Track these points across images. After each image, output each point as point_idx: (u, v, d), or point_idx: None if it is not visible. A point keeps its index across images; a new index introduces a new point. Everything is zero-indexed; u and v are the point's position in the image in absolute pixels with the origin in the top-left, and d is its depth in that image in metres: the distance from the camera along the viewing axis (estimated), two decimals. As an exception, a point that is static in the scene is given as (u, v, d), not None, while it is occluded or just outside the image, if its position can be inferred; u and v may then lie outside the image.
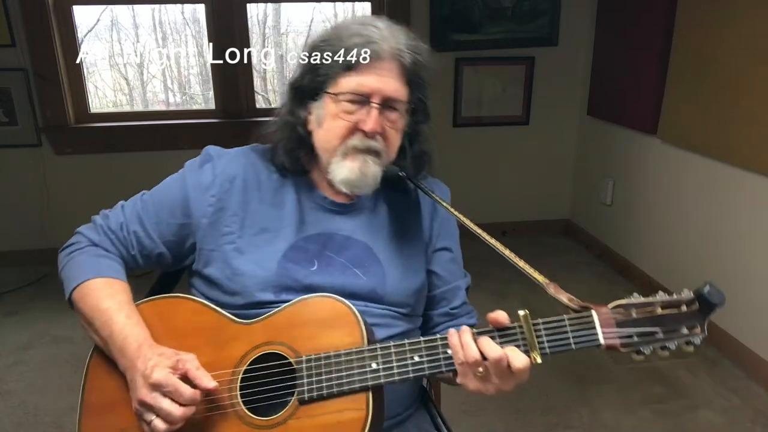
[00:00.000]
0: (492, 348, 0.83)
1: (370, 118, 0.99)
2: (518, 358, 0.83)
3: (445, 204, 1.07)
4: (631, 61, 3.01)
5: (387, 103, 1.01)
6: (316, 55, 1.03)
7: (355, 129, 1.01)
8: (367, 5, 3.38)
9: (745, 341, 2.38)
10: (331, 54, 1.01)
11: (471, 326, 1.15)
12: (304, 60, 1.06)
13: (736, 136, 2.34)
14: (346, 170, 1.02)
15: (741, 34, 2.28)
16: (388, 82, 1.00)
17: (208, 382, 0.90)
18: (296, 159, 1.08)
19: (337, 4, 3.54)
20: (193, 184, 1.08)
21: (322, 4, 3.53)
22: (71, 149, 3.25)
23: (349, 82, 1.00)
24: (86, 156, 3.27)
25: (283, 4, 3.68)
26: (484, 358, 0.84)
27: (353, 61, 0.99)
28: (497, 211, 3.68)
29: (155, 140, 3.22)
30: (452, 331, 0.88)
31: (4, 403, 2.23)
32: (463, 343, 0.85)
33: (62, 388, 2.28)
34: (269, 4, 3.67)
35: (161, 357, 0.91)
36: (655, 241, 2.96)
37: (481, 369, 0.84)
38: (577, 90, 3.54)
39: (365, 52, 0.99)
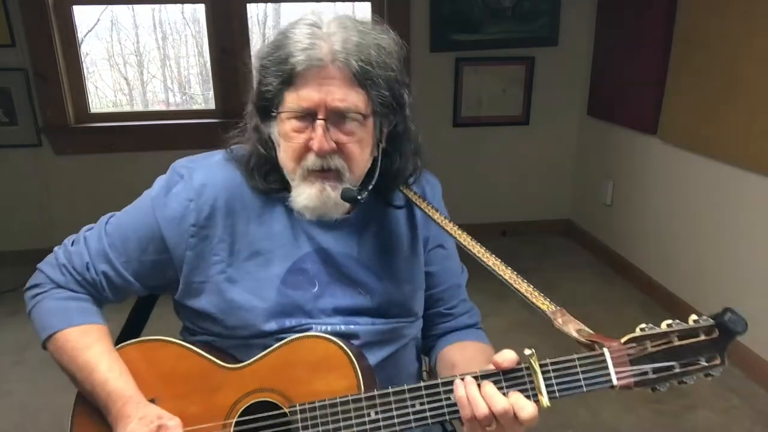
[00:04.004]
0: (497, 399, 0.77)
1: (316, 137, 0.88)
2: (525, 408, 0.76)
3: (437, 216, 1.00)
4: (631, 61, 3.01)
5: (336, 116, 0.89)
6: (262, 70, 0.92)
7: (307, 149, 0.90)
8: (367, 5, 3.38)
9: (745, 341, 2.37)
10: (270, 69, 0.90)
11: (472, 326, 1.11)
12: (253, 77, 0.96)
13: (736, 136, 2.34)
14: (304, 197, 0.92)
15: (741, 34, 2.28)
16: (331, 92, 0.87)
17: None
18: (270, 179, 0.98)
19: (337, 4, 3.54)
20: (165, 217, 0.96)
21: (322, 4, 3.53)
22: (71, 149, 3.25)
23: (291, 99, 0.89)
24: (86, 156, 3.27)
25: (283, 4, 3.68)
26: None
27: (289, 73, 0.88)
28: (497, 211, 3.68)
29: (155, 140, 3.22)
30: (458, 382, 0.81)
31: (4, 403, 2.23)
32: (470, 397, 0.78)
33: (62, 388, 2.27)
34: (269, 4, 3.67)
35: (141, 422, 0.87)
36: (655, 241, 2.96)
37: (493, 425, 0.78)
38: (577, 90, 3.54)
39: (301, 62, 0.87)
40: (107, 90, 3.81)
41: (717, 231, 2.52)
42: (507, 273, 0.88)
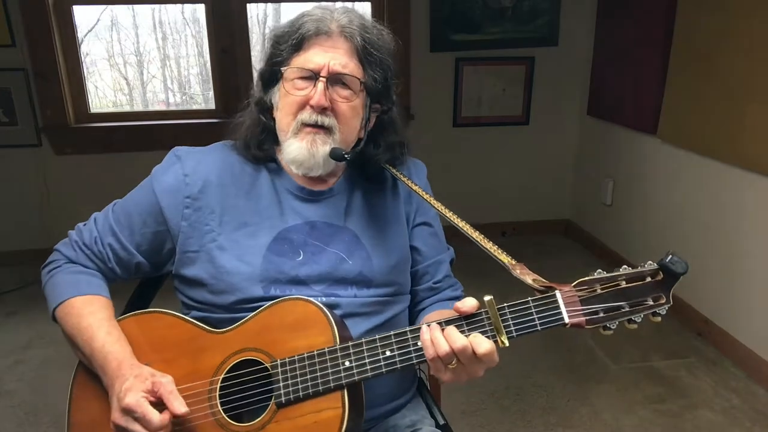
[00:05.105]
0: (457, 338, 0.84)
1: (316, 92, 0.99)
2: (481, 344, 0.84)
3: (415, 187, 1.08)
4: (631, 61, 3.01)
5: (336, 79, 1.01)
6: (275, 41, 1.05)
7: (305, 104, 1.01)
8: (367, 5, 3.38)
9: (745, 341, 2.38)
10: (284, 37, 1.03)
11: (455, 298, 1.16)
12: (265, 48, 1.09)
13: (736, 136, 2.34)
14: (294, 149, 1.02)
15: (741, 33, 2.28)
16: (335, 57, 1.00)
17: (179, 406, 0.90)
18: (264, 148, 1.08)
19: (337, 4, 3.54)
20: (163, 190, 1.06)
21: (323, 3, 3.53)
22: (71, 149, 3.25)
23: (298, 61, 1.02)
24: (86, 156, 3.27)
25: (283, 4, 3.68)
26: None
27: (300, 39, 1.01)
28: (497, 211, 3.68)
29: (155, 140, 3.22)
30: (424, 328, 0.88)
31: (4, 403, 2.23)
32: (434, 338, 0.86)
33: (62, 388, 2.26)
34: (269, 4, 3.67)
35: (137, 379, 0.92)
36: (655, 241, 2.96)
37: (453, 362, 0.86)
38: (577, 90, 3.54)
39: (312, 29, 1.01)
40: (107, 90, 3.81)
41: (717, 231, 2.52)
42: (474, 234, 0.96)
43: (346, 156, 1.02)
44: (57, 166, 3.26)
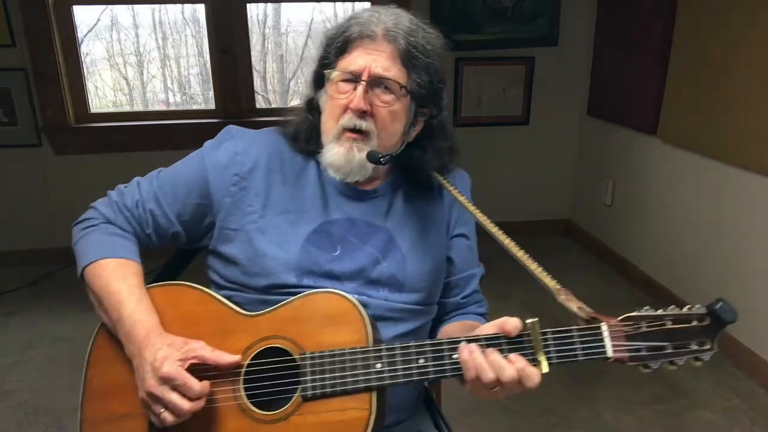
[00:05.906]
0: (505, 369, 0.83)
1: (355, 96, 0.99)
2: (531, 379, 0.82)
3: (462, 199, 1.07)
4: (631, 61, 3.02)
5: (377, 82, 1.00)
6: (326, 44, 1.06)
7: (346, 108, 1.01)
8: (367, 5, 3.38)
9: (745, 341, 2.38)
10: (331, 39, 1.04)
11: (480, 315, 1.16)
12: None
13: (735, 136, 2.34)
14: (332, 154, 1.02)
15: (741, 34, 2.28)
16: (377, 60, 0.99)
17: (228, 357, 0.91)
18: (312, 144, 1.08)
19: (337, 3, 3.54)
20: (213, 165, 1.06)
21: (322, 4, 3.53)
22: (71, 149, 3.25)
23: (342, 64, 1.02)
24: (86, 156, 3.27)
25: (283, 4, 3.69)
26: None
27: (344, 41, 1.01)
28: (497, 211, 3.62)
29: (155, 140, 3.22)
30: (463, 345, 0.86)
31: (4, 403, 2.23)
32: (476, 362, 0.84)
33: (62, 388, 2.28)
34: (269, 4, 3.68)
35: (171, 348, 0.91)
36: (655, 241, 2.96)
37: (495, 387, 0.84)
38: (577, 90, 3.54)
39: (356, 32, 1.00)
40: (107, 90, 3.82)
41: (717, 231, 2.52)
42: (519, 253, 0.95)
43: (382, 160, 1.01)
44: (57, 166, 3.26)
